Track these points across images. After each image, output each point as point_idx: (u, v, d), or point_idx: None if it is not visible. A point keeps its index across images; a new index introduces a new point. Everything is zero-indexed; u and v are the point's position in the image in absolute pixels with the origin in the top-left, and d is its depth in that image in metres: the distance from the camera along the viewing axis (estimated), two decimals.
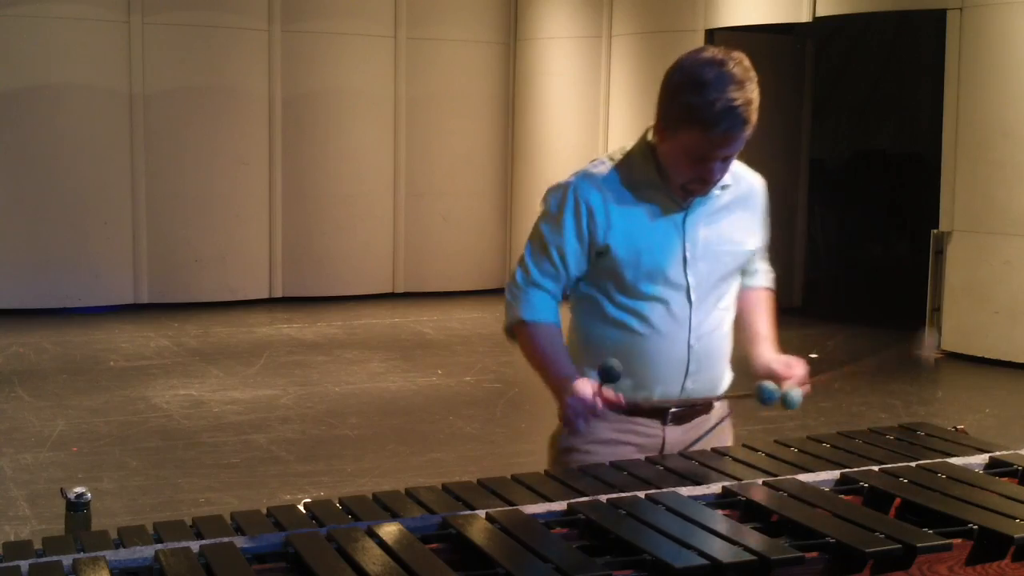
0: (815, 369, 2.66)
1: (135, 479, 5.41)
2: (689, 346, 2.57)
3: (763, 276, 2.78)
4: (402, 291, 10.91)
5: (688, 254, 2.55)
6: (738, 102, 2.35)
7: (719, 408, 2.72)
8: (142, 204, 9.87)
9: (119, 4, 9.62)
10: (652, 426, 2.61)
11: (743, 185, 2.66)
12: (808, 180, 10.66)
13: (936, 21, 8.99)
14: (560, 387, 2.48)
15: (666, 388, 2.58)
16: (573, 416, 2.43)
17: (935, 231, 8.42)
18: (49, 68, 9.44)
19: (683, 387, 2.59)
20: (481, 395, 7.17)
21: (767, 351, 2.67)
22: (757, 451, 2.56)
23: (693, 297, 2.56)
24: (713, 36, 9.64)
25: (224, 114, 10.06)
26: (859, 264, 12.57)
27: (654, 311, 2.55)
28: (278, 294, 10.47)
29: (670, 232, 2.54)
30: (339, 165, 10.55)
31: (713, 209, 2.58)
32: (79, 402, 6.79)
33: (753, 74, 2.42)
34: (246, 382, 7.40)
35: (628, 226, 2.53)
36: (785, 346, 2.76)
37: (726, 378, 2.70)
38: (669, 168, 2.49)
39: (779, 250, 12.08)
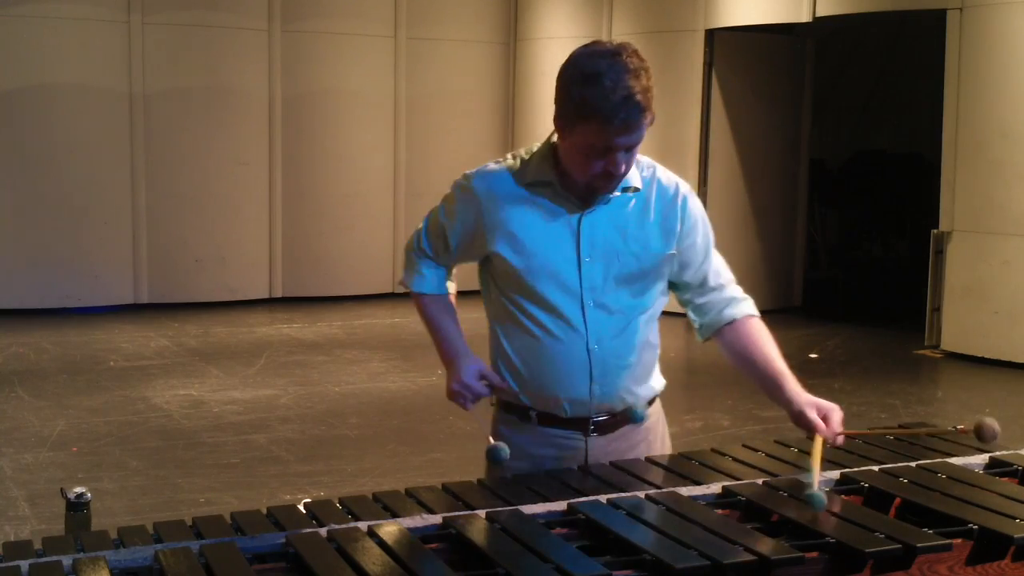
0: (821, 369, 2.62)
1: (135, 479, 5.41)
2: (589, 350, 2.49)
3: (745, 304, 2.65)
4: (402, 291, 10.89)
5: (582, 255, 2.48)
6: (635, 90, 2.31)
7: (649, 417, 2.64)
8: (142, 204, 9.87)
9: (119, 4, 9.62)
10: (574, 437, 2.55)
11: (658, 189, 2.55)
12: (808, 180, 10.66)
13: (936, 21, 8.98)
14: (448, 365, 2.58)
15: (572, 393, 2.51)
16: (459, 398, 2.53)
17: (935, 231, 8.42)
18: (49, 68, 9.44)
19: (591, 392, 2.51)
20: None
21: (799, 394, 2.49)
22: (757, 451, 2.56)
23: (588, 299, 2.49)
24: (713, 36, 9.65)
25: (224, 114, 10.06)
26: (859, 264, 12.56)
27: (550, 313, 2.49)
28: (278, 294, 10.47)
29: (564, 233, 2.48)
30: (339, 165, 10.55)
31: (615, 212, 2.50)
32: (79, 402, 6.79)
33: (647, 64, 2.37)
34: (246, 382, 7.40)
35: (518, 226, 2.48)
36: (785, 346, 2.73)
37: (647, 387, 2.61)
38: (571, 166, 2.44)
39: (779, 250, 12.11)
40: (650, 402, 2.64)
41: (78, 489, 2.67)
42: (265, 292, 10.43)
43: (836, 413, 2.44)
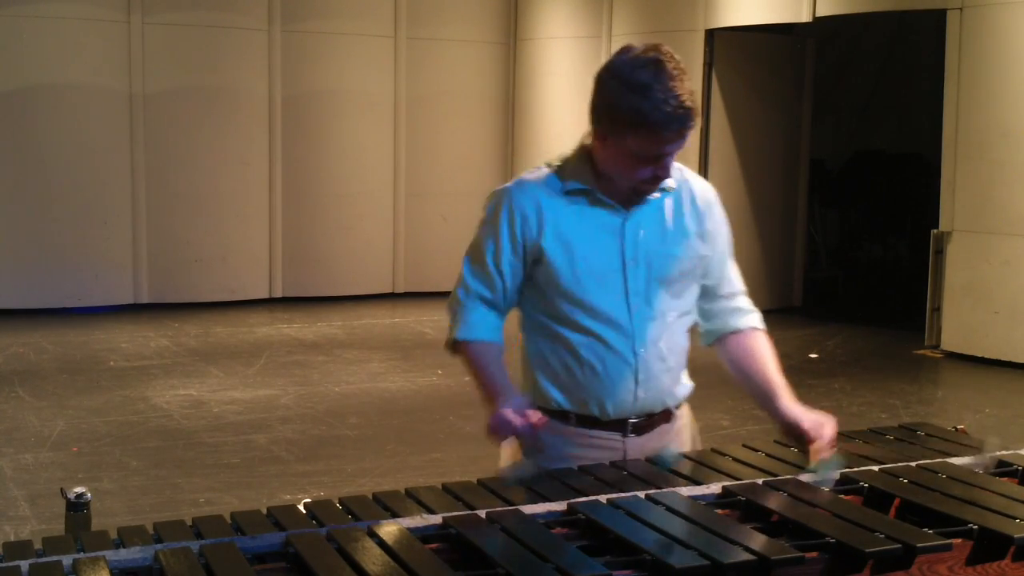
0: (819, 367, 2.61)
1: (135, 479, 5.41)
2: (635, 354, 2.51)
3: (752, 316, 2.68)
4: (402, 291, 10.91)
5: (627, 259, 2.50)
6: (684, 98, 2.33)
7: (680, 416, 2.66)
8: (142, 204, 9.87)
9: (119, 4, 9.62)
10: (612, 438, 2.56)
11: (689, 191, 2.59)
12: (808, 180, 10.66)
13: (936, 21, 8.99)
14: (490, 402, 2.47)
15: (617, 398, 2.53)
16: (496, 431, 2.43)
17: (935, 231, 8.42)
18: (49, 68, 9.44)
19: (635, 396, 2.53)
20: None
21: (792, 405, 2.53)
22: (757, 451, 2.56)
23: (633, 303, 2.50)
24: (713, 36, 9.65)
25: (224, 114, 10.06)
26: (859, 264, 12.56)
27: (598, 319, 2.50)
28: (278, 294, 10.47)
29: (608, 237, 2.50)
30: (339, 165, 10.55)
31: (654, 213, 2.53)
32: (79, 402, 6.79)
33: (684, 64, 2.39)
34: (246, 382, 7.40)
35: (563, 232, 2.48)
36: (785, 346, 2.74)
37: (682, 387, 2.64)
38: (615, 171, 2.45)
39: (779, 250, 12.10)
40: (679, 404, 2.66)
41: (78, 489, 2.67)
42: (265, 292, 10.43)
43: (829, 425, 2.47)
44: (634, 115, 2.35)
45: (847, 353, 8.59)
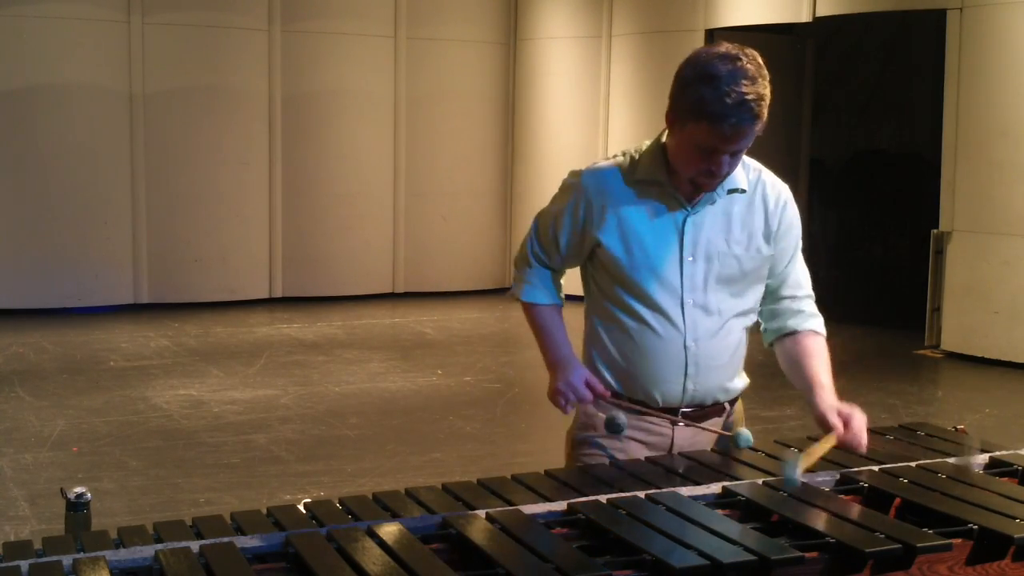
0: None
1: (135, 479, 5.41)
2: (686, 347, 2.56)
3: (814, 320, 2.68)
4: (402, 291, 10.91)
5: (685, 254, 2.54)
6: (749, 96, 2.34)
7: (731, 411, 2.71)
8: (142, 204, 9.87)
9: (119, 4, 9.62)
10: (663, 425, 2.62)
11: (762, 192, 2.62)
12: (808, 180, 10.66)
13: (936, 21, 8.98)
14: (553, 368, 2.62)
15: (667, 388, 2.59)
16: (561, 399, 2.57)
17: (935, 231, 8.42)
18: (49, 68, 9.44)
19: (684, 388, 2.59)
20: (481, 395, 7.17)
21: (827, 398, 2.53)
22: (757, 451, 2.56)
23: (688, 298, 2.55)
24: (713, 36, 9.64)
25: (224, 114, 10.06)
26: (859, 264, 12.56)
27: (650, 309, 2.55)
28: (278, 294, 10.47)
29: (668, 231, 2.54)
30: (339, 165, 10.55)
31: (720, 212, 2.56)
32: (79, 402, 6.79)
33: (765, 72, 2.41)
34: (246, 382, 7.40)
35: (624, 222, 2.54)
36: None
37: (737, 382, 2.68)
38: (676, 162, 2.48)
39: None
40: (734, 400, 2.71)
41: (78, 489, 2.66)
42: (265, 292, 10.43)
43: (856, 419, 2.46)
44: (695, 103, 2.37)
45: (847, 353, 8.58)
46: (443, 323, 9.57)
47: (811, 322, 2.68)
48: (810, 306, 2.70)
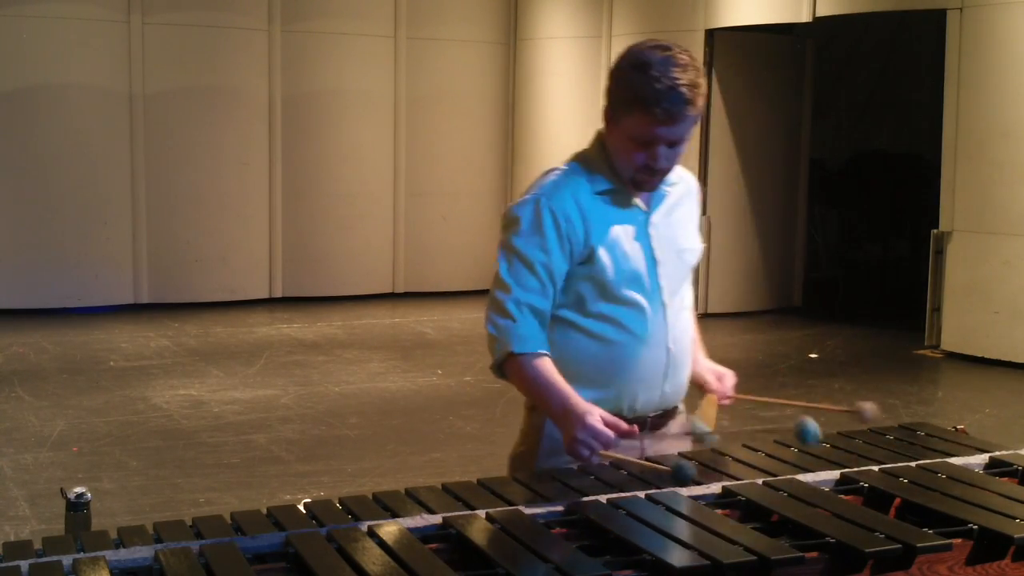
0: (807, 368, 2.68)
1: (135, 479, 5.41)
2: (668, 349, 2.54)
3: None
4: (402, 291, 10.91)
5: (657, 255, 2.53)
6: (681, 82, 2.34)
7: (681, 411, 2.70)
8: (142, 204, 9.87)
9: (119, 4, 9.62)
10: (632, 437, 2.54)
11: (686, 185, 2.65)
12: (808, 180, 10.66)
13: (936, 21, 8.98)
14: (566, 418, 2.34)
15: (647, 394, 2.55)
16: (584, 449, 2.30)
17: (935, 231, 8.42)
18: (49, 68, 9.44)
19: (662, 391, 2.57)
20: (481, 395, 7.16)
21: (699, 362, 2.70)
22: (757, 451, 2.56)
23: (666, 299, 2.54)
24: (713, 36, 9.65)
25: (224, 114, 10.06)
26: (859, 264, 12.55)
27: (634, 316, 2.51)
28: (278, 294, 10.47)
29: (637, 235, 2.52)
30: (339, 165, 10.55)
31: (671, 210, 2.58)
32: (79, 402, 6.79)
33: (700, 65, 2.42)
34: (246, 382, 7.40)
35: (604, 229, 2.49)
36: (785, 346, 2.77)
37: (687, 380, 2.69)
38: (618, 160, 2.47)
39: (779, 250, 12.07)
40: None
41: (78, 489, 2.67)
42: (265, 292, 10.43)
43: (729, 377, 2.68)
44: (629, 91, 2.39)
45: (847, 353, 8.58)
46: (443, 323, 9.57)
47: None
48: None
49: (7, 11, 9.29)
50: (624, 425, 2.32)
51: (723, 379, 2.67)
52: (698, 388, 2.68)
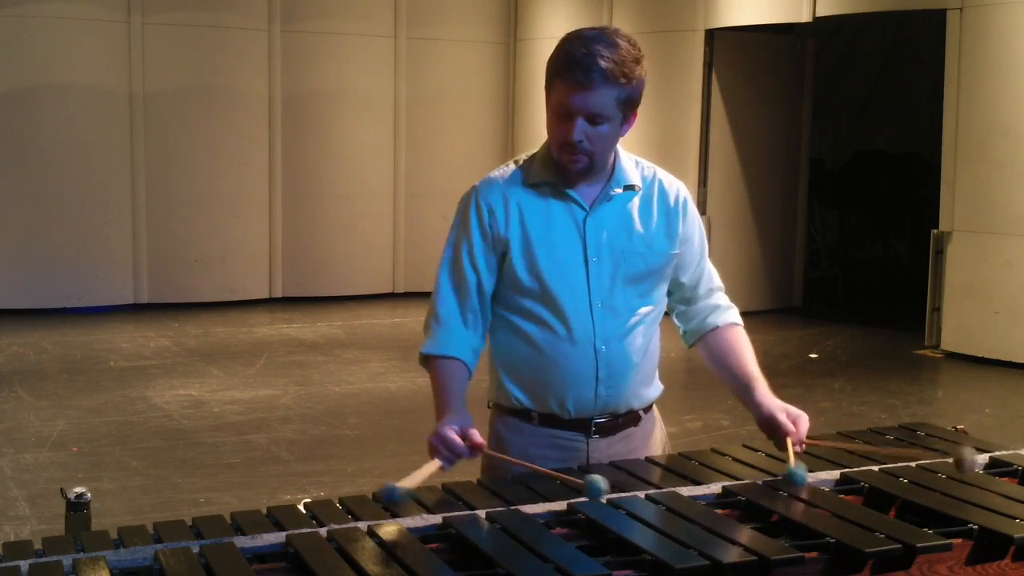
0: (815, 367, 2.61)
1: (135, 479, 5.41)
2: (596, 350, 2.49)
3: (730, 312, 2.67)
4: (402, 291, 10.91)
5: (590, 254, 2.48)
6: (602, 55, 2.33)
7: (647, 419, 2.64)
8: (142, 204, 9.87)
9: (119, 4, 9.62)
10: (575, 439, 2.54)
11: (659, 190, 2.57)
12: (808, 180, 10.67)
13: (936, 21, 8.98)
14: (437, 419, 2.48)
15: (579, 394, 2.51)
16: (435, 454, 2.44)
17: (935, 231, 8.42)
18: (49, 68, 9.44)
19: (596, 394, 2.51)
20: (481, 395, 7.14)
21: (768, 398, 2.52)
22: (757, 451, 2.56)
23: (595, 300, 2.48)
24: (713, 36, 9.65)
25: (224, 114, 10.06)
26: (859, 264, 12.56)
27: (557, 314, 2.48)
28: (278, 294, 10.48)
29: (570, 232, 2.48)
30: (339, 165, 10.56)
31: (619, 210, 2.51)
32: (79, 402, 6.79)
33: (636, 53, 2.40)
34: (246, 382, 7.40)
35: (528, 225, 2.48)
36: (785, 346, 2.75)
37: (652, 389, 2.62)
38: (551, 146, 2.46)
39: (779, 250, 12.07)
40: (648, 408, 2.64)
41: (78, 489, 2.66)
42: (265, 292, 10.43)
43: (804, 420, 2.47)
44: (553, 63, 2.39)
45: (847, 353, 8.58)
46: None
47: (728, 315, 2.66)
48: (723, 299, 2.69)
49: (7, 11, 9.29)
50: (479, 440, 2.38)
51: (797, 422, 2.46)
52: (768, 426, 2.50)
